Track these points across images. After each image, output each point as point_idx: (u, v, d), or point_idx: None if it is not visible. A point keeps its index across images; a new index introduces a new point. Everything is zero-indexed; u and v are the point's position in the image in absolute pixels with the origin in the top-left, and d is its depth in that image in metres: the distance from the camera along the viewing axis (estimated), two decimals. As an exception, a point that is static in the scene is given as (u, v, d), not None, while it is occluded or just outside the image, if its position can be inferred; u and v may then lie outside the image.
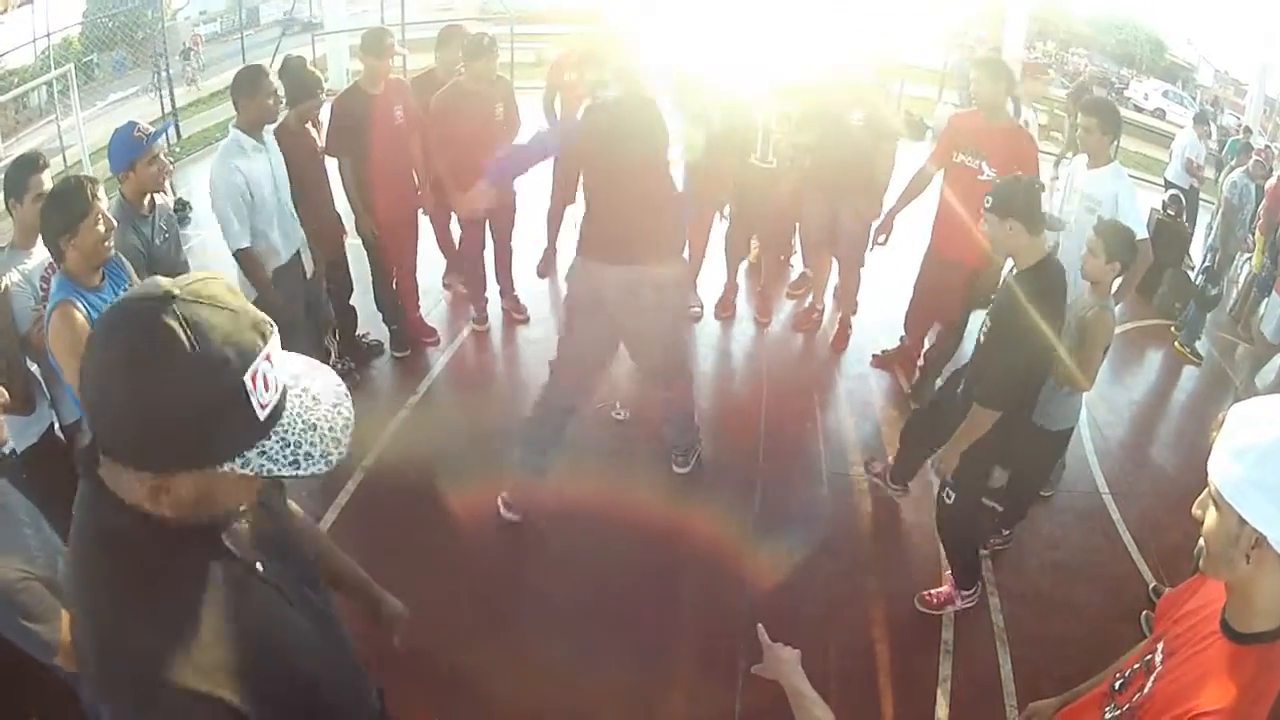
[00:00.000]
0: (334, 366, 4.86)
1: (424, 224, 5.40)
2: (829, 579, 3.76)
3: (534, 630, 3.40)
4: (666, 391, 4.09)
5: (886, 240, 4.96)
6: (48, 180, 3.27)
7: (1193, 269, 7.11)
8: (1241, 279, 6.94)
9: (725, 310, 5.98)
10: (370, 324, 5.31)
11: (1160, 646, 1.57)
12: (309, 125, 4.43)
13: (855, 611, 3.60)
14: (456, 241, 5.61)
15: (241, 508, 1.16)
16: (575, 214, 5.47)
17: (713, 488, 4.23)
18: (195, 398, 0.96)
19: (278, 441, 1.03)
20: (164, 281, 0.99)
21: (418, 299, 5.46)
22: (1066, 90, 10.95)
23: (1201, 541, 1.42)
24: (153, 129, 3.44)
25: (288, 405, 1.06)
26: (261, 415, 1.01)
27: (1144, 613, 3.65)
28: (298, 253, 4.10)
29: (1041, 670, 3.34)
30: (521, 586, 3.65)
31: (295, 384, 1.10)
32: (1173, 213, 7.02)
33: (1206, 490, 1.36)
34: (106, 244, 2.77)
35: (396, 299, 5.20)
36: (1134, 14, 15.98)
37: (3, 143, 10.84)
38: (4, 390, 2.28)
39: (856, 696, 3.20)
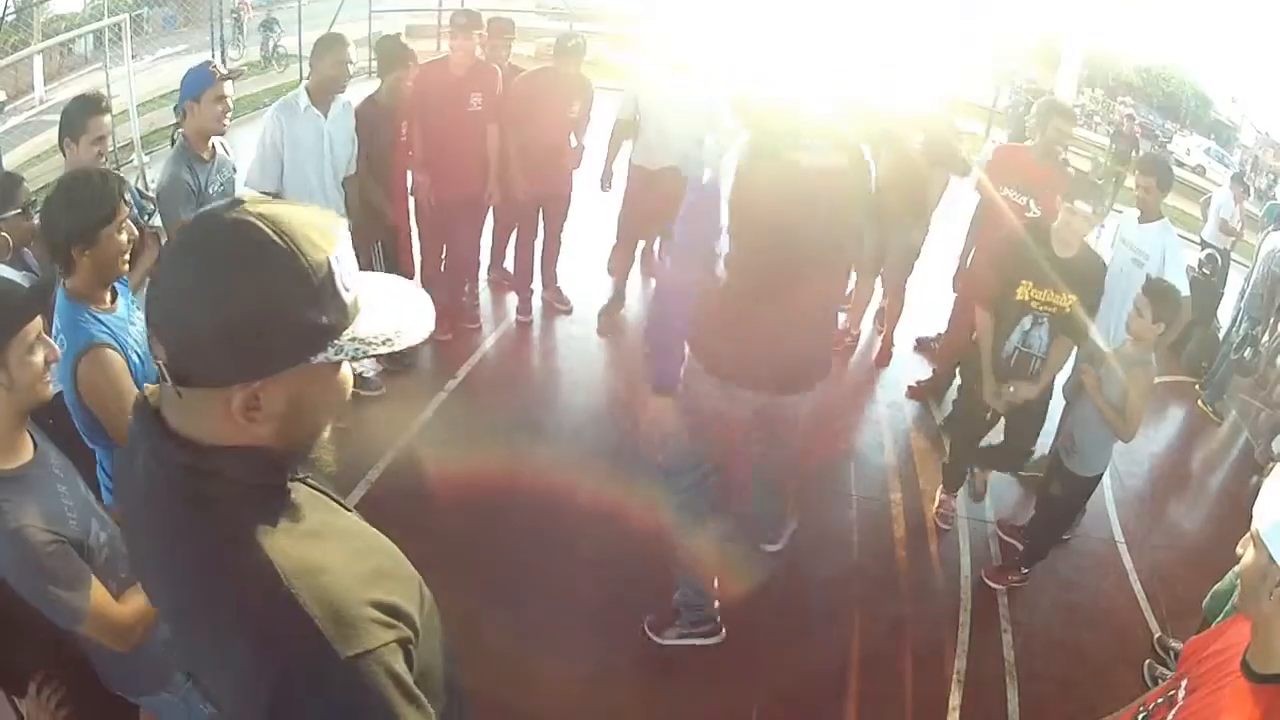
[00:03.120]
0: None
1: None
2: (849, 601, 3.81)
3: (548, 624, 3.45)
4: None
5: None
6: (108, 123, 3.27)
7: (1220, 329, 7.13)
8: (1265, 342, 6.96)
9: None
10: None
11: (1184, 684, 1.64)
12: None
13: (873, 635, 3.65)
14: (509, 234, 5.65)
15: (327, 428, 1.15)
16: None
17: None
18: (288, 286, 0.96)
19: (365, 322, 1.05)
20: (227, 203, 1.00)
21: (463, 284, 5.50)
22: (1110, 139, 11.01)
23: (1212, 591, 1.52)
24: (226, 69, 3.47)
25: (366, 288, 1.08)
26: (348, 298, 1.02)
27: (1147, 661, 3.70)
28: None
29: (1047, 707, 3.41)
30: (541, 580, 3.68)
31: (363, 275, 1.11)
32: (1208, 271, 7.05)
33: (1252, 530, 1.46)
34: (125, 257, 2.32)
35: (442, 280, 5.24)
36: (1182, 67, 15.95)
37: (45, 86, 10.93)
38: None
39: (866, 710, 3.28)
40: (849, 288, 6.32)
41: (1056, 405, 4.12)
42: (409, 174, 4.80)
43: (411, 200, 4.91)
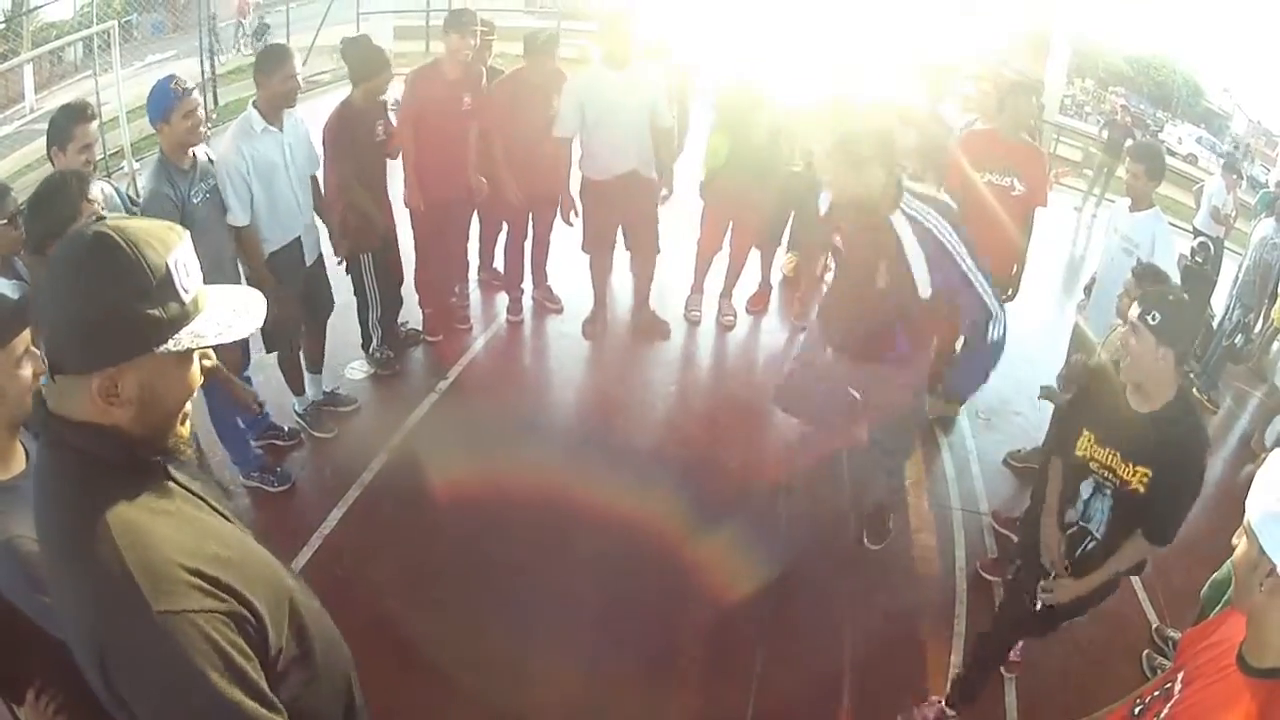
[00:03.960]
0: (373, 354, 4.94)
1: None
2: (844, 594, 3.81)
3: (546, 624, 3.44)
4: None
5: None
6: (94, 131, 3.28)
7: (1213, 318, 7.14)
8: (1259, 329, 6.97)
9: (756, 305, 6.10)
10: (405, 313, 5.25)
11: (1180, 676, 1.64)
12: (377, 107, 4.37)
13: (868, 628, 3.64)
14: (497, 235, 5.64)
15: (179, 416, 1.31)
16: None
17: (740, 495, 4.28)
18: (131, 285, 1.15)
19: (202, 319, 1.23)
20: (89, 221, 1.20)
21: (454, 285, 5.50)
22: (1101, 128, 11.01)
23: (1210, 580, 1.51)
24: (190, 84, 3.40)
25: (206, 293, 1.27)
26: (186, 297, 1.21)
27: (1145, 652, 3.71)
28: (298, 239, 4.02)
29: (1042, 699, 3.40)
30: (538, 580, 3.67)
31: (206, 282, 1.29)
32: (1200, 260, 7.05)
33: (1245, 521, 1.45)
34: None
35: (435, 282, 5.23)
36: (1173, 57, 15.97)
37: (36, 95, 10.91)
38: None
39: (861, 705, 3.28)
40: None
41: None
42: (390, 177, 4.75)
43: (405, 205, 4.88)
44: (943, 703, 3.24)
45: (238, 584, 1.22)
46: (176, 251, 1.20)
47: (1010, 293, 4.79)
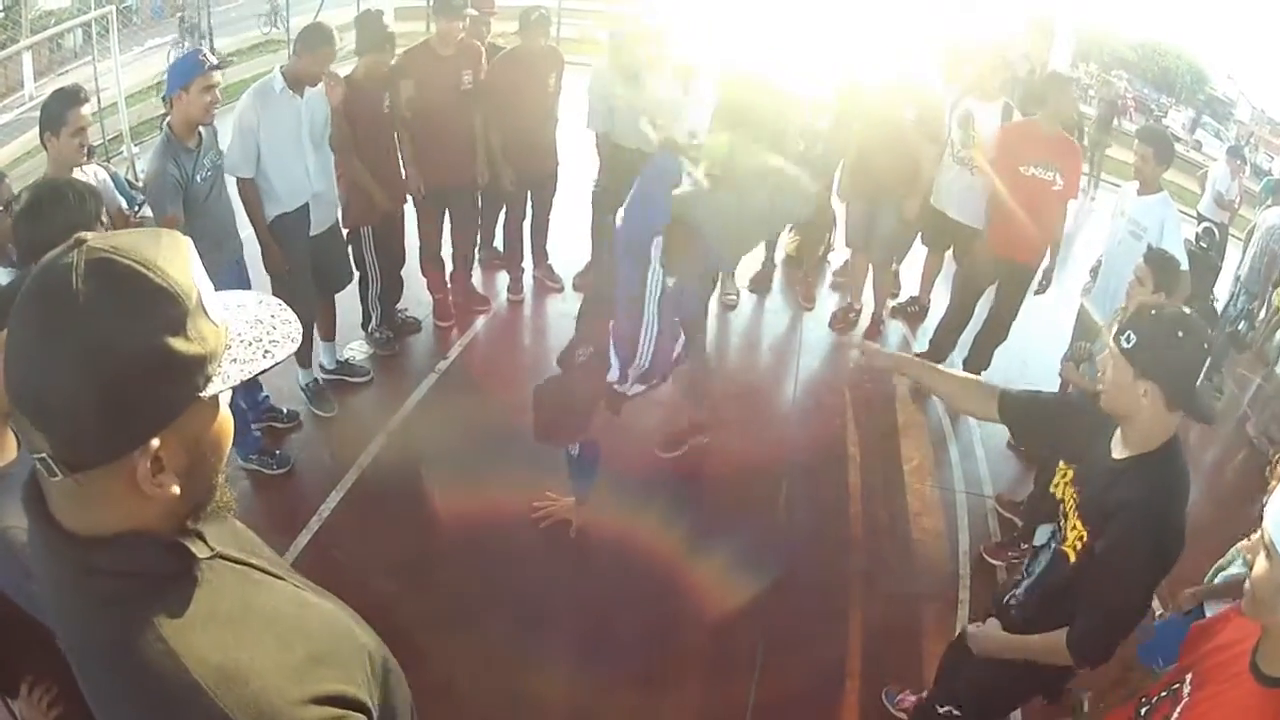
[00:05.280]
0: (372, 334, 4.91)
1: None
2: (846, 577, 3.80)
3: (544, 608, 3.44)
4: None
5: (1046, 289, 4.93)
6: (88, 115, 3.25)
7: (1217, 303, 7.11)
8: (1262, 316, 6.94)
9: (759, 283, 6.10)
10: (408, 300, 5.20)
11: (1189, 677, 1.60)
12: (381, 80, 4.34)
13: (870, 611, 3.64)
14: (497, 215, 5.61)
15: (223, 464, 1.04)
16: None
17: (742, 478, 4.27)
18: (166, 318, 0.87)
19: (238, 339, 0.97)
20: (65, 247, 0.88)
21: (469, 269, 5.45)
22: (1096, 112, 10.96)
23: (1215, 567, 1.45)
24: (217, 60, 3.44)
25: (225, 310, 0.99)
26: (218, 319, 0.94)
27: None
28: (305, 207, 4.02)
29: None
30: (536, 565, 3.66)
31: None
32: (1204, 245, 7.01)
33: (1260, 536, 1.40)
34: None
35: (444, 266, 5.21)
36: (1178, 43, 15.88)
37: (35, 82, 10.84)
38: None
39: (864, 690, 3.27)
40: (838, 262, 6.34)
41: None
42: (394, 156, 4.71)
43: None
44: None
45: (340, 683, 1.02)
46: (194, 261, 0.92)
47: (1043, 284, 4.83)
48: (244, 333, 0.98)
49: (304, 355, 4.39)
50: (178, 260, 0.90)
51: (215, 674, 0.91)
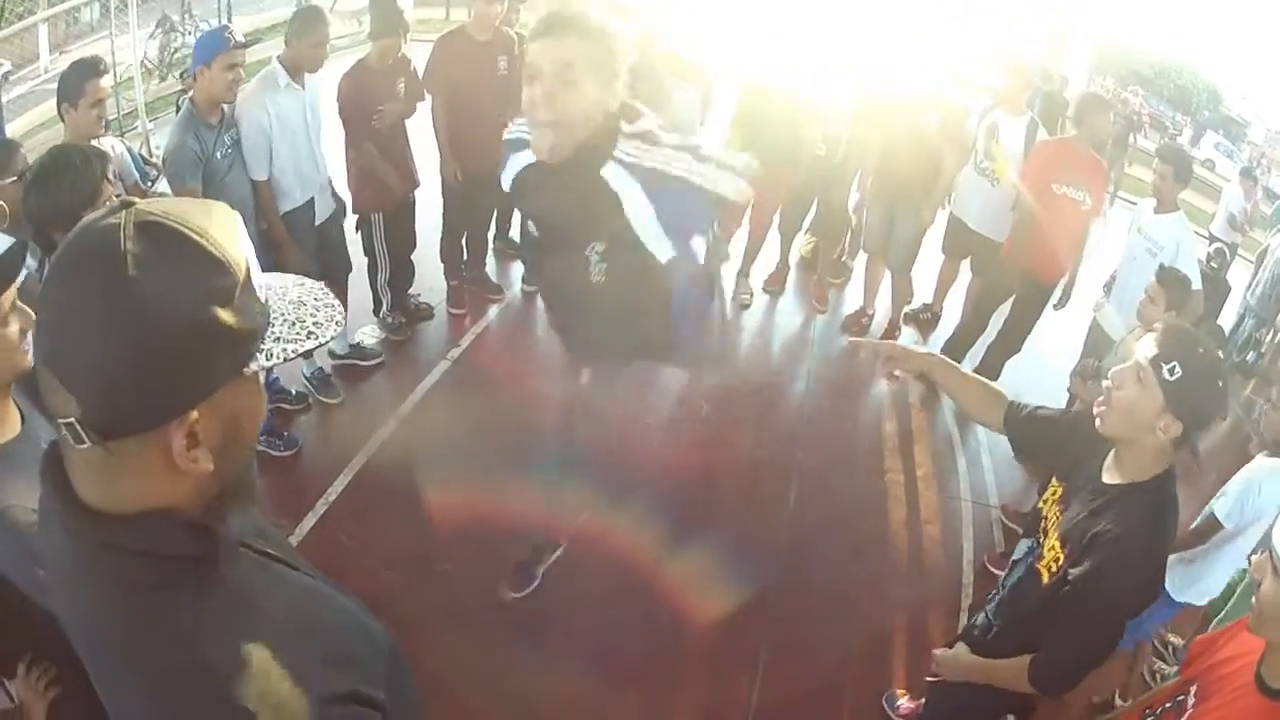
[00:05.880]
0: (384, 319, 4.90)
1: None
2: (848, 585, 3.80)
3: (549, 600, 3.44)
4: None
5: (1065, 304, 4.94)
6: (107, 86, 3.24)
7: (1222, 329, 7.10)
8: (1269, 341, 6.93)
9: (773, 284, 6.11)
10: (420, 286, 5.18)
11: (1193, 689, 1.61)
12: (395, 65, 4.32)
13: (873, 619, 3.65)
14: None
15: (255, 444, 1.03)
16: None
17: (751, 474, 4.29)
18: (216, 288, 0.85)
19: (280, 319, 0.95)
20: (110, 209, 0.86)
21: (484, 257, 5.46)
22: (1115, 129, 10.92)
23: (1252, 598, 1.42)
24: (244, 38, 3.45)
25: (269, 290, 0.98)
26: (263, 295, 0.93)
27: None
28: (312, 199, 4.04)
29: (1039, 701, 3.37)
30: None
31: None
32: (1215, 266, 7.01)
33: (1266, 555, 1.40)
34: None
35: (463, 253, 5.20)
36: (1195, 61, 15.85)
37: (50, 55, 10.83)
38: None
39: (865, 695, 3.28)
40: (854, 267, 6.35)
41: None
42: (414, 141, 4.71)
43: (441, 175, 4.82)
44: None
45: (358, 683, 1.00)
46: (244, 236, 0.91)
47: (1063, 300, 4.85)
48: (287, 313, 0.96)
49: None
50: (229, 232, 0.88)
51: (236, 665, 0.88)
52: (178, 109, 3.47)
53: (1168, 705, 1.67)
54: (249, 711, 0.87)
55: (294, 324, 0.96)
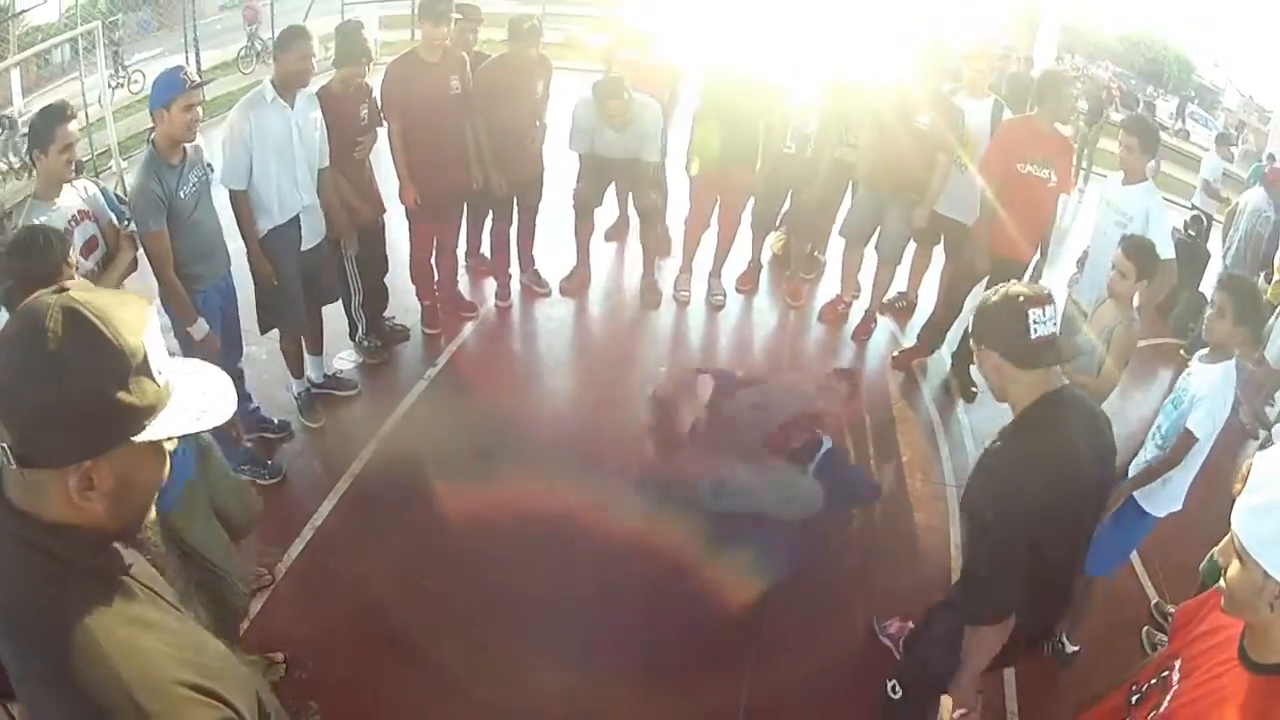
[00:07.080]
0: (360, 343, 4.91)
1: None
2: (839, 574, 3.82)
3: (537, 612, 3.44)
4: None
5: None
6: (75, 131, 3.27)
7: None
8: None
9: (745, 285, 6.10)
10: (396, 308, 5.21)
11: (1177, 665, 1.59)
12: (357, 92, 4.32)
13: (863, 605, 3.64)
14: (484, 220, 5.61)
15: (151, 507, 1.24)
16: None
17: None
18: (113, 370, 1.07)
19: (176, 405, 1.15)
20: (46, 291, 1.09)
21: (456, 275, 5.46)
22: (1086, 105, 10.97)
23: (1209, 555, 1.43)
24: (199, 79, 3.46)
25: (175, 375, 1.18)
26: (160, 380, 1.13)
27: (1145, 628, 3.71)
28: (296, 220, 4.03)
29: (1041, 674, 3.40)
30: (528, 568, 3.65)
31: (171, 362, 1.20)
32: (1193, 233, 7.02)
33: (1229, 539, 1.39)
34: None
35: (432, 274, 5.21)
36: (1164, 33, 15.93)
37: (23, 99, 10.84)
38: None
39: (856, 684, 3.28)
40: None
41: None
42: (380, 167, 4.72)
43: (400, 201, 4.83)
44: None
45: (227, 693, 1.18)
46: (149, 329, 1.12)
47: (1035, 278, 4.93)
48: (187, 399, 1.17)
49: (296, 365, 4.39)
50: (135, 324, 1.10)
51: (120, 648, 1.09)
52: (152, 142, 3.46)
53: (1154, 681, 1.65)
54: (123, 681, 1.06)
55: (187, 409, 1.16)
